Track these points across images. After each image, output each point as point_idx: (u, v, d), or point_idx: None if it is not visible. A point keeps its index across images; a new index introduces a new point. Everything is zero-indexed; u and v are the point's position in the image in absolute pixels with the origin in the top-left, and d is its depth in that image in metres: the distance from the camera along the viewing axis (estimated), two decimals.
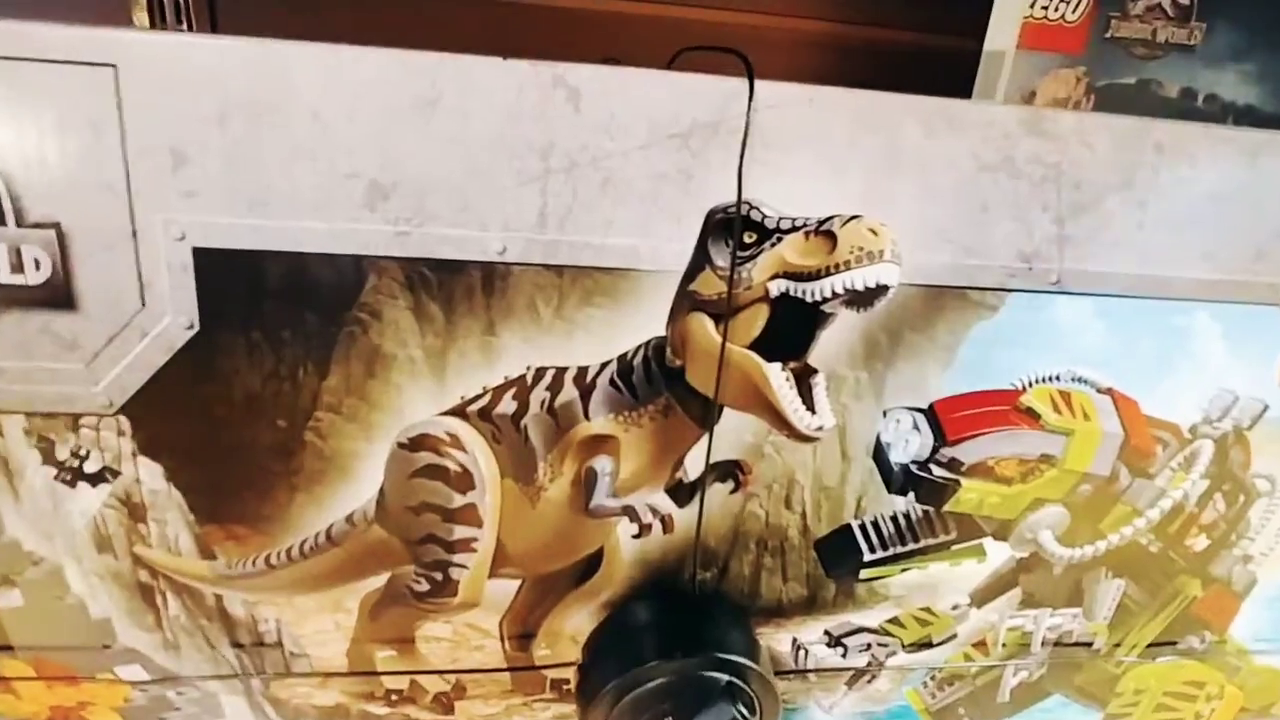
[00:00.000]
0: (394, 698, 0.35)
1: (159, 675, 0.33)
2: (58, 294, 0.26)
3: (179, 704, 0.34)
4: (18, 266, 0.25)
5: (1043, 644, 0.39)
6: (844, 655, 0.38)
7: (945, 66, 0.87)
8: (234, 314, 0.27)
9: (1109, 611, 0.39)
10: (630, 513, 0.32)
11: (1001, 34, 0.89)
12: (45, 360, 0.27)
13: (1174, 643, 0.41)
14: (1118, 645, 0.40)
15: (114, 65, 0.24)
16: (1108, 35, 0.91)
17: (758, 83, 0.27)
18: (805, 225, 0.29)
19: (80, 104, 0.24)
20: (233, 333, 0.28)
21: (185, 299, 0.27)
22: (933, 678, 0.39)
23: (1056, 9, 0.89)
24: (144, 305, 0.27)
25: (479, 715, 0.36)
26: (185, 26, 0.81)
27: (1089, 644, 0.40)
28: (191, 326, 0.27)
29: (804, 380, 0.31)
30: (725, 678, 0.31)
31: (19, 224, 0.25)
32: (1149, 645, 0.41)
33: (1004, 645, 0.39)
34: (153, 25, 0.75)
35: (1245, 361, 0.34)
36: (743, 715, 0.31)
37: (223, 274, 0.27)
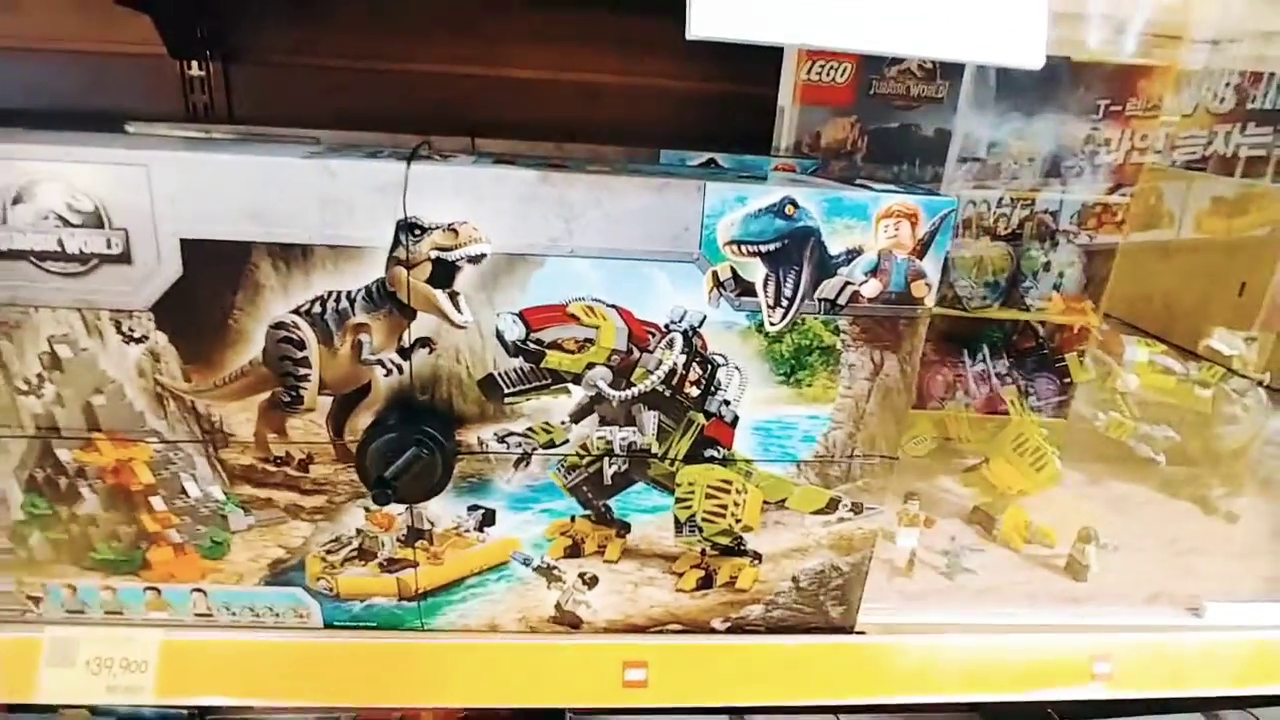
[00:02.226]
0: (278, 461, 0.71)
1: (165, 442, 0.69)
2: (124, 257, 0.63)
3: (175, 460, 0.70)
4: (109, 244, 0.62)
5: (620, 448, 0.73)
6: (508, 447, 0.72)
7: (760, 113, 1.24)
8: (198, 268, 0.64)
9: (653, 431, 0.72)
10: (381, 363, 0.68)
11: (785, 92, 1.24)
12: (118, 287, 0.64)
13: (702, 453, 0.74)
14: (667, 452, 0.73)
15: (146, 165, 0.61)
16: (871, 92, 1.27)
17: (413, 166, 0.63)
18: (443, 226, 0.64)
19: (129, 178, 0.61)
20: (197, 276, 0.64)
21: (176, 261, 0.63)
22: (562, 465, 0.73)
23: (827, 74, 1.24)
24: (160, 262, 0.63)
25: (321, 474, 0.72)
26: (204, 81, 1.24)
27: (649, 450, 0.73)
28: (179, 272, 0.64)
29: (454, 298, 0.66)
30: (422, 436, 0.66)
31: (110, 226, 0.62)
32: (686, 454, 0.74)
33: (598, 448, 0.73)
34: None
35: (685, 292, 0.67)
36: (427, 454, 0.65)
37: (194, 248, 0.63)
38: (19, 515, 0.70)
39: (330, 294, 0.65)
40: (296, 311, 0.66)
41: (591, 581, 0.78)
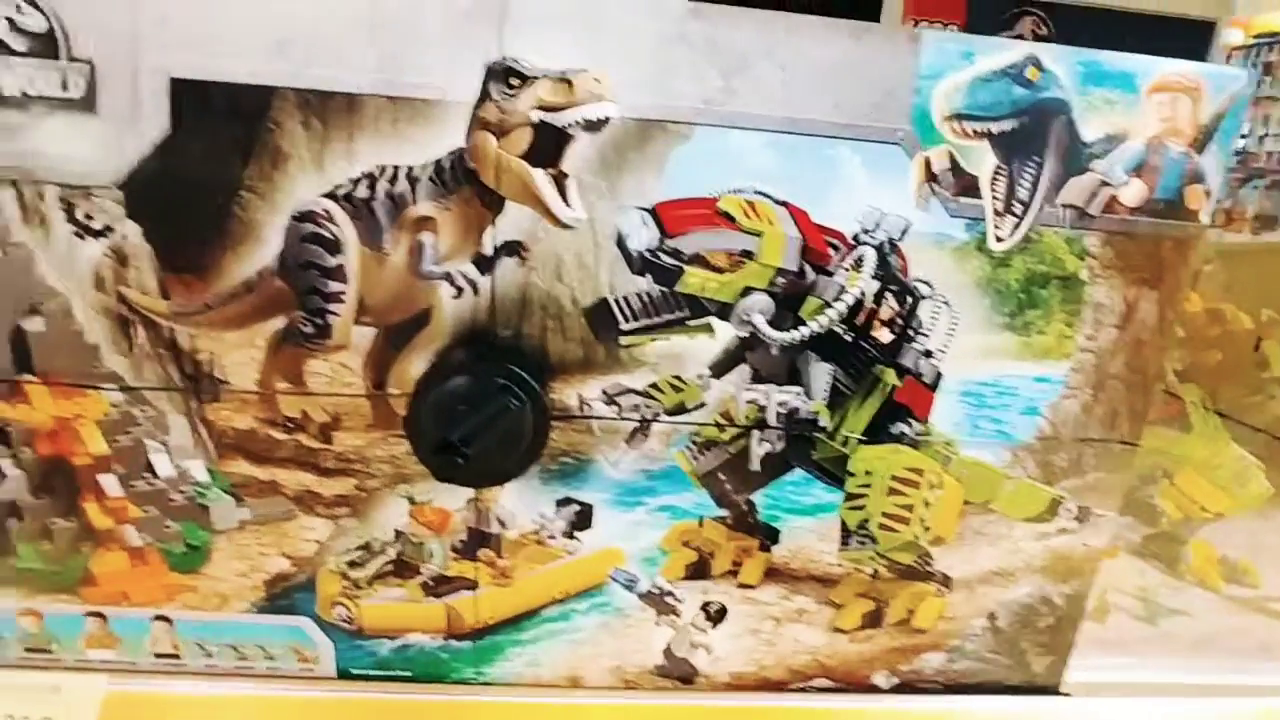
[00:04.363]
0: (289, 425, 0.49)
1: (128, 391, 0.48)
2: (86, 103, 0.43)
3: (141, 420, 0.49)
4: (64, 84, 0.42)
5: (777, 418, 0.52)
6: (619, 413, 0.51)
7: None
8: (193, 122, 0.44)
9: (825, 392, 0.52)
10: (448, 277, 0.47)
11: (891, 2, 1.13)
12: (74, 150, 0.43)
13: (888, 427, 0.53)
14: (840, 425, 0.52)
15: None
16: None
17: None
18: (553, 75, 0.45)
19: None
20: (191, 136, 0.44)
21: (163, 112, 0.44)
22: (694, 442, 0.52)
23: None
24: (138, 114, 0.43)
25: (350, 446, 0.50)
26: None
27: (815, 421, 0.52)
28: (165, 129, 0.44)
29: (560, 182, 0.46)
30: (504, 381, 0.45)
31: (68, 56, 0.42)
32: (867, 428, 0.53)
33: (746, 417, 0.52)
34: None
35: (883, 186, 0.48)
36: (516, 406, 0.44)
37: (188, 96, 0.44)
38: None
39: (383, 170, 0.45)
40: (332, 196, 0.45)
41: (718, 615, 0.56)
